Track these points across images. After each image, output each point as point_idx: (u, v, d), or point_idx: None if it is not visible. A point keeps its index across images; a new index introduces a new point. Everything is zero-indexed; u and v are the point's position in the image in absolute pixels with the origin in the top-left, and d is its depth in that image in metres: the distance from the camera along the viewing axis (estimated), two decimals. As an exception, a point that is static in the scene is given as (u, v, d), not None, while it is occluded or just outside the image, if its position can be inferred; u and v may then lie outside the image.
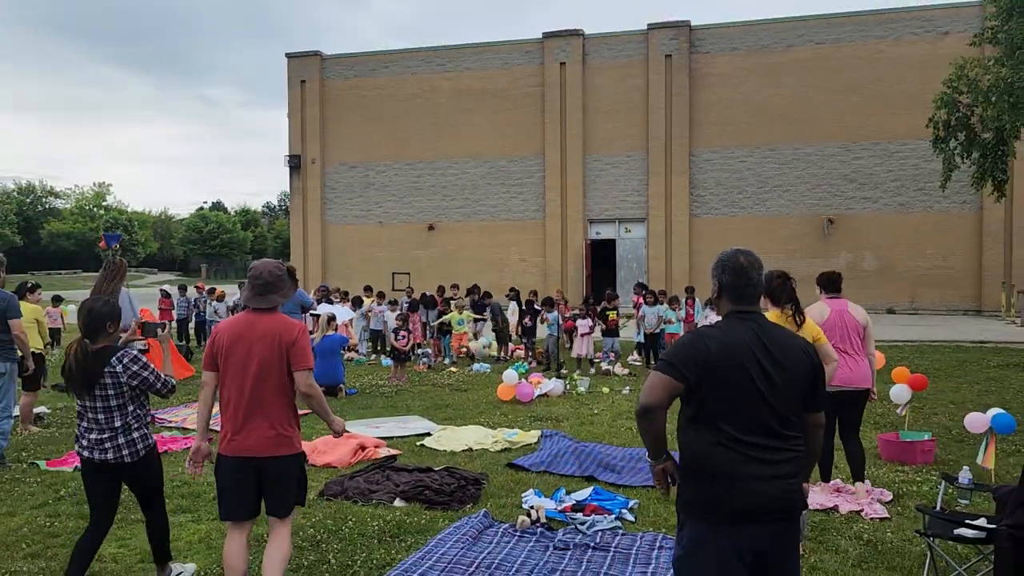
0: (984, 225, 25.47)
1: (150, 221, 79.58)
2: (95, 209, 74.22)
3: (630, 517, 5.93)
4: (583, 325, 14.10)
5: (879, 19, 26.52)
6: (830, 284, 6.48)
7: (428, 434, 8.95)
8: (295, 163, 31.57)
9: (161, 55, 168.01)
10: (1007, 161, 15.88)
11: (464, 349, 15.53)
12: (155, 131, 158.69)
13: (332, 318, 11.36)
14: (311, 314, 11.91)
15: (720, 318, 3.10)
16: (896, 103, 25.72)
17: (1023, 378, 12.73)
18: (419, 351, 14.79)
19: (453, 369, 14.11)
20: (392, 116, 30.62)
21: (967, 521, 4.65)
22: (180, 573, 4.79)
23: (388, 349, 13.77)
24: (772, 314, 5.41)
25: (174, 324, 17.27)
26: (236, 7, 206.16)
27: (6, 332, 7.24)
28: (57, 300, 16.58)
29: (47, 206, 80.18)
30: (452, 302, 16.07)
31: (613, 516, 5.86)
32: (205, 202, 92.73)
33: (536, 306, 15.13)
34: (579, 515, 5.89)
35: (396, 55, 31.10)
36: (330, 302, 15.69)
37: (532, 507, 6.01)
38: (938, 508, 5.21)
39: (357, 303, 16.62)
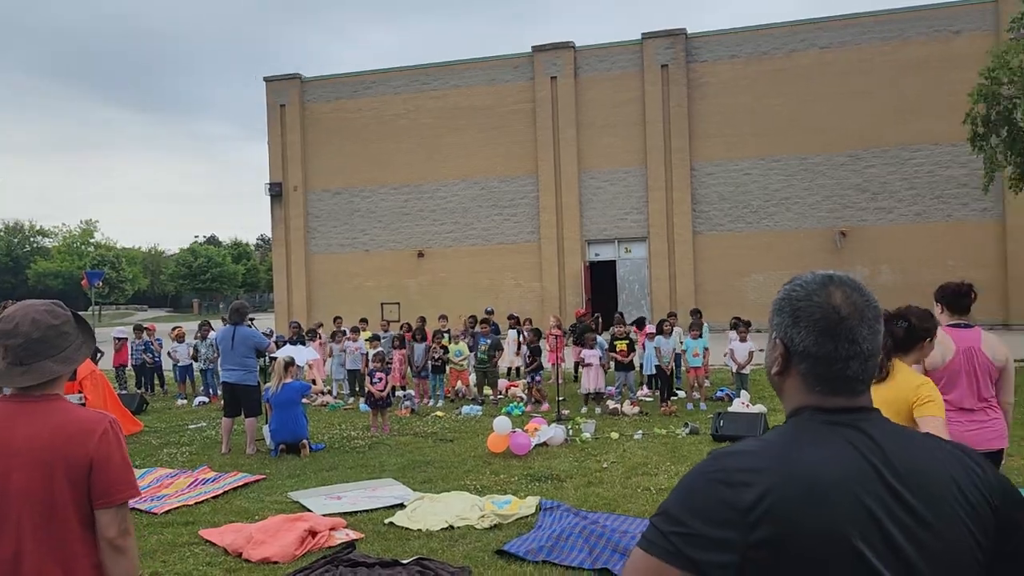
0: (1008, 232, 23.94)
1: (139, 257, 78.06)
2: (82, 247, 72.71)
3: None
4: (591, 356, 12.46)
5: (885, 20, 25.18)
6: (957, 303, 4.42)
7: (401, 505, 7.29)
8: (276, 191, 30.07)
9: (150, 93, 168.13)
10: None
11: (459, 390, 13.87)
12: (149, 169, 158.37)
13: (290, 362, 9.72)
14: (270, 357, 10.28)
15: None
16: (907, 107, 24.31)
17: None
18: (401, 393, 13.13)
19: (440, 413, 12.43)
20: (376, 139, 29.16)
21: None
22: None
23: (365, 393, 12.15)
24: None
25: (130, 369, 15.62)
26: (223, 46, 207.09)
27: None
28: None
29: (35, 245, 78.75)
30: (446, 334, 14.37)
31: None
32: (197, 236, 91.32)
33: (545, 337, 13.49)
34: (592, 645, 4.23)
35: (379, 74, 29.71)
36: (302, 341, 14.06)
37: (526, 633, 4.36)
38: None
39: (338, 337, 14.96)
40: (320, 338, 15.28)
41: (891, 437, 1.38)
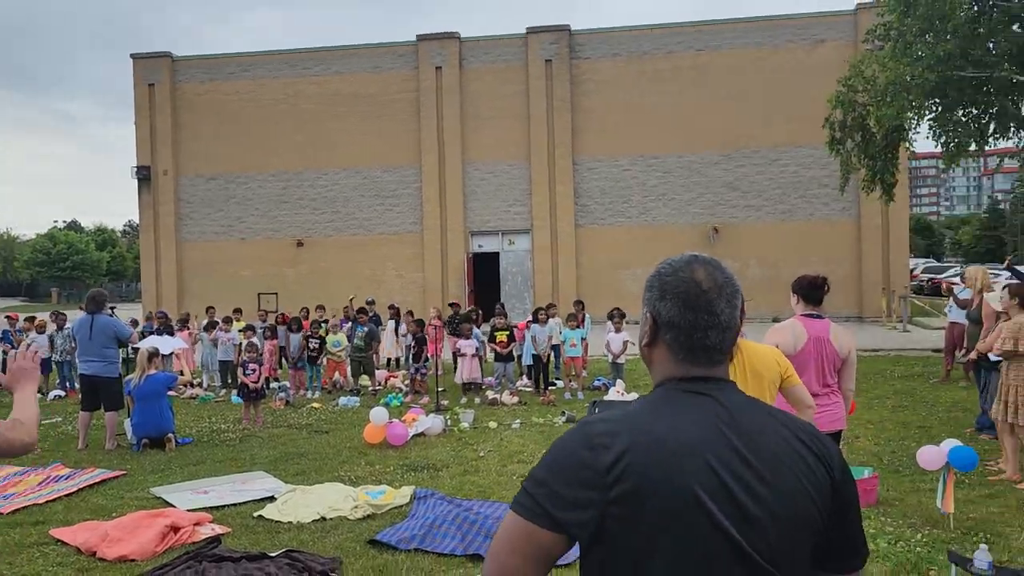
0: (863, 231, 25.59)
1: (-11, 243, 72.48)
2: (-76, 231, 66.81)
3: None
4: (467, 346, 12.49)
5: (757, 26, 26.35)
6: (811, 294, 4.66)
7: (272, 498, 7.09)
8: (144, 175, 28.51)
9: (8, 69, 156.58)
10: (897, 163, 15.46)
11: (337, 381, 13.59)
12: (6, 148, 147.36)
13: (154, 353, 9.26)
14: (132, 348, 9.76)
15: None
16: (775, 110, 25.53)
17: (932, 389, 12.04)
18: (275, 384, 12.75)
19: (316, 405, 12.16)
20: (254, 123, 28.12)
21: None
22: None
23: (238, 385, 11.73)
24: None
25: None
26: (94, 23, 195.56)
27: None
28: None
29: None
30: (324, 324, 14.07)
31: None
32: (56, 221, 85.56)
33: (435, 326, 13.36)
34: (461, 630, 4.24)
35: (257, 57, 28.66)
36: (170, 331, 13.43)
37: (395, 621, 4.32)
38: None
39: (211, 328, 14.36)
40: (190, 328, 14.65)
41: (743, 408, 1.49)
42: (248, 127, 28.13)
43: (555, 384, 13.19)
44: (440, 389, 12.11)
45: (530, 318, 13.35)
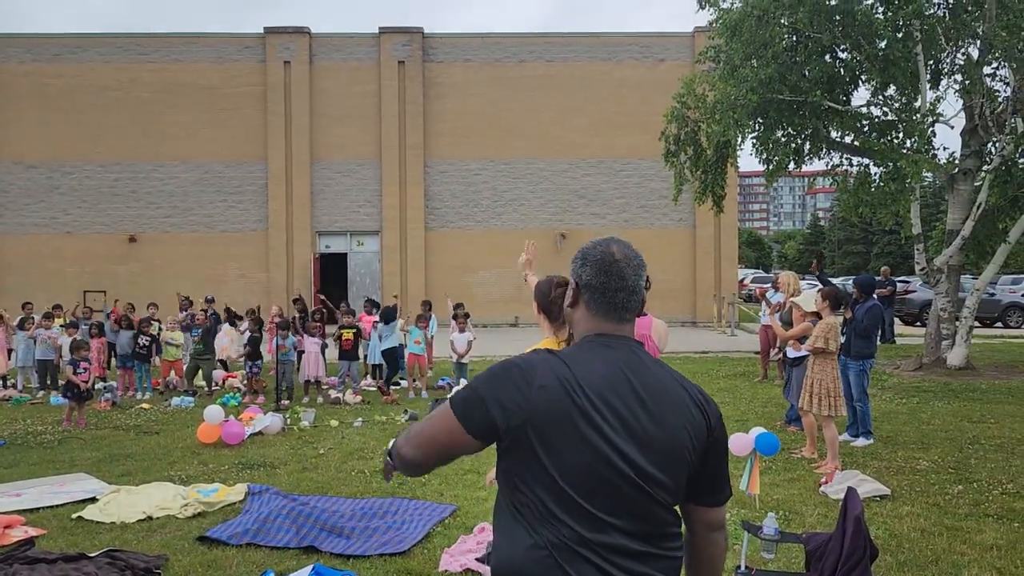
0: (697, 241, 27.19)
1: None
2: None
3: (361, 612, 4.37)
4: (311, 344, 12.29)
5: (603, 42, 27.45)
6: None
7: (93, 499, 6.73)
8: (-46, 159, 26.01)
9: None
10: (725, 177, 16.59)
11: (171, 381, 13.00)
12: None
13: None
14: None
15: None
16: (619, 123, 26.68)
17: (751, 387, 13.00)
18: (101, 384, 12.04)
19: (146, 405, 11.58)
20: (82, 110, 26.28)
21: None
22: None
23: (61, 385, 10.98)
24: (547, 341, 4.10)
25: None
26: None
27: None
28: None
29: None
30: (156, 322, 13.38)
31: (338, 615, 4.27)
32: None
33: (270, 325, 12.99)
34: (290, 618, 4.23)
35: (87, 39, 26.82)
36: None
37: (221, 612, 4.25)
38: (742, 567, 4.26)
39: (27, 324, 13.33)
40: (4, 323, 13.55)
41: (648, 362, 1.85)
42: (76, 114, 26.29)
43: (399, 384, 13.21)
44: (283, 388, 11.85)
45: (377, 318, 13.30)
